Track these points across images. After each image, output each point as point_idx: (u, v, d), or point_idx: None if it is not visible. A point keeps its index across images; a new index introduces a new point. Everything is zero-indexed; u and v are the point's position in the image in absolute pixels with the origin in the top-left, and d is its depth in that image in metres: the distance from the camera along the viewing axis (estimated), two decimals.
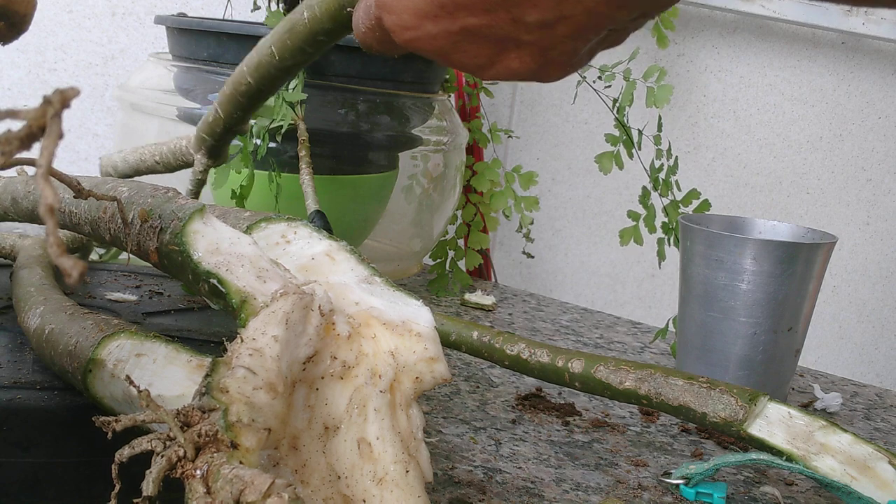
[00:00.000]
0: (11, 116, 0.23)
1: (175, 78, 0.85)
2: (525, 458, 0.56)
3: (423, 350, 0.36)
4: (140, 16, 1.14)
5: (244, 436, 0.29)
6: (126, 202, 0.41)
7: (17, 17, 0.41)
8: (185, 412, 0.29)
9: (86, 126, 1.15)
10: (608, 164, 0.87)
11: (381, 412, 0.35)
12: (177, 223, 0.38)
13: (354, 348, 0.36)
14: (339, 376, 0.35)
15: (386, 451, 0.34)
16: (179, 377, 0.37)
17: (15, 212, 0.54)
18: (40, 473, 0.42)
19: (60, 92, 0.23)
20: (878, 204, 1.39)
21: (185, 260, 0.37)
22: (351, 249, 0.40)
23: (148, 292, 0.62)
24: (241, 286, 0.35)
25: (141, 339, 0.39)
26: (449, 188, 0.95)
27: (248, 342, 0.32)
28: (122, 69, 1.14)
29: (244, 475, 0.27)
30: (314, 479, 0.34)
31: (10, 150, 0.24)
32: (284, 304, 0.33)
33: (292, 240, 0.40)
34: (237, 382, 0.30)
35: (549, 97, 1.28)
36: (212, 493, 0.27)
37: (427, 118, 0.89)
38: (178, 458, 0.28)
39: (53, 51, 1.13)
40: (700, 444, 0.62)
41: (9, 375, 0.44)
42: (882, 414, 0.76)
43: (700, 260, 0.70)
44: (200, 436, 0.29)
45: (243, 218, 0.42)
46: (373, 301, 0.37)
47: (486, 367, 0.73)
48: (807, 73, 1.33)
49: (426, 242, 0.97)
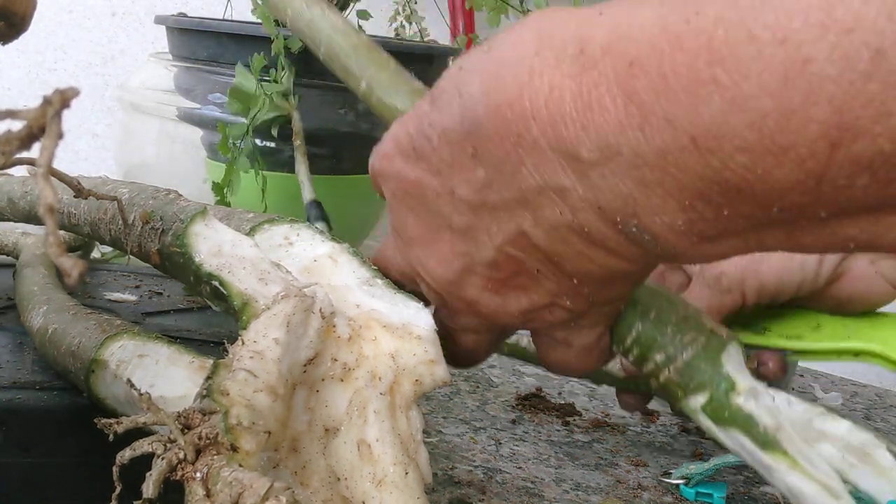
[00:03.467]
0: (11, 116, 0.23)
1: (175, 78, 0.85)
2: (525, 457, 0.56)
3: (424, 353, 0.36)
4: (140, 16, 1.14)
5: (244, 438, 0.29)
6: (127, 203, 0.41)
7: (16, 17, 0.41)
8: (185, 414, 0.29)
9: (86, 126, 1.15)
10: None
11: (380, 414, 0.35)
12: (178, 225, 0.38)
13: (355, 350, 0.36)
14: (339, 378, 0.35)
15: (385, 453, 0.34)
16: (181, 378, 0.37)
17: (11, 212, 0.54)
18: (40, 473, 0.42)
19: (60, 92, 0.23)
20: None
21: (186, 262, 0.37)
22: (353, 252, 0.40)
23: (148, 292, 0.62)
24: (242, 288, 0.35)
25: (143, 340, 0.39)
26: None
27: (250, 344, 0.32)
28: (122, 69, 1.14)
29: (243, 478, 0.27)
30: (314, 480, 0.34)
31: (9, 150, 0.24)
32: (285, 307, 0.33)
33: (295, 242, 0.40)
34: (238, 385, 0.30)
35: None
36: (211, 495, 0.27)
37: None
38: (178, 460, 0.28)
39: (53, 51, 1.13)
40: (700, 444, 0.62)
41: (9, 375, 0.44)
42: (882, 414, 0.76)
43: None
44: (201, 438, 0.29)
45: (246, 220, 0.42)
46: (374, 303, 0.37)
47: (486, 368, 0.73)
48: None
49: None
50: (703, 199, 0.26)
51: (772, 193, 0.25)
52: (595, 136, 0.27)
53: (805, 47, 0.23)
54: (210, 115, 0.80)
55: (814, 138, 0.23)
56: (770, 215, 0.26)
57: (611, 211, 0.28)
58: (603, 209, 0.29)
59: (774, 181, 0.24)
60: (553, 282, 0.33)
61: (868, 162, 0.23)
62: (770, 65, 0.23)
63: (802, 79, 0.23)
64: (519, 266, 0.33)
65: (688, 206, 0.27)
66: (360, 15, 0.83)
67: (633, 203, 0.28)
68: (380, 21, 0.99)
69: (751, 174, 0.25)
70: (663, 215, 0.27)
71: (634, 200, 0.28)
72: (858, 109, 0.22)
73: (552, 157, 0.29)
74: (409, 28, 1.06)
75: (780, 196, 0.25)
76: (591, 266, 0.31)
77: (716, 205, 0.26)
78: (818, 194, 0.24)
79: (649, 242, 0.29)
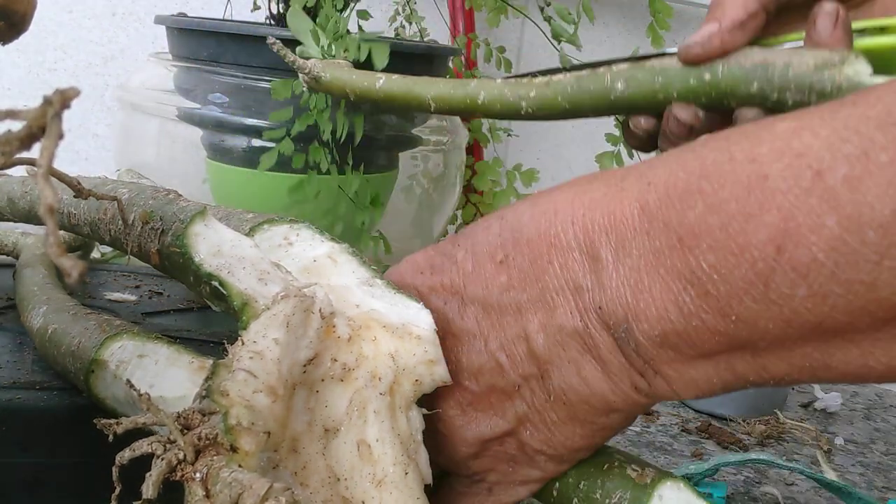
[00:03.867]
0: (11, 116, 0.23)
1: (175, 78, 0.85)
2: None
3: (423, 353, 0.36)
4: (140, 16, 1.14)
5: (244, 439, 0.29)
6: (126, 203, 0.41)
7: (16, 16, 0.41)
8: (185, 415, 0.29)
9: (86, 126, 1.15)
10: (608, 163, 0.87)
11: (380, 414, 0.35)
12: (178, 225, 0.38)
13: (355, 350, 0.36)
14: (339, 378, 0.35)
15: (385, 453, 0.34)
16: (181, 378, 0.37)
17: (11, 212, 0.54)
18: (39, 473, 0.42)
19: (60, 92, 0.23)
20: None
21: (186, 262, 0.37)
22: (353, 252, 0.40)
23: (147, 292, 0.62)
24: (242, 288, 0.35)
25: (143, 341, 0.39)
26: (449, 188, 0.95)
27: (249, 345, 0.32)
28: (122, 69, 1.14)
29: (243, 479, 0.27)
30: (314, 481, 0.34)
31: (10, 150, 0.24)
32: (285, 307, 0.33)
33: (294, 242, 0.40)
34: (237, 385, 0.30)
35: None
36: (211, 496, 0.27)
37: (427, 118, 0.89)
38: (177, 460, 0.28)
39: (53, 51, 1.13)
40: (700, 444, 0.62)
41: (8, 375, 0.44)
42: (882, 414, 0.76)
43: None
44: (200, 439, 0.29)
45: (246, 220, 0.42)
46: (374, 303, 0.37)
47: None
48: None
49: (426, 242, 0.97)
50: (677, 305, 0.31)
51: (731, 297, 0.29)
52: (615, 240, 0.32)
53: (766, 166, 0.29)
54: (210, 115, 0.80)
55: (764, 241, 0.28)
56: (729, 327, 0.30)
57: (609, 313, 0.33)
58: (603, 310, 0.33)
59: (733, 281, 0.29)
60: (526, 402, 0.36)
61: (805, 269, 0.28)
62: (740, 177, 0.29)
63: (760, 189, 0.28)
64: (500, 378, 0.36)
65: (664, 313, 0.31)
66: (361, 15, 0.83)
67: (626, 306, 0.32)
68: (380, 21, 0.99)
69: (716, 273, 0.29)
70: (645, 323, 0.32)
71: (627, 303, 0.32)
72: (800, 218, 0.27)
73: (578, 257, 0.33)
74: (409, 28, 1.06)
75: (737, 301, 0.29)
76: (575, 379, 0.34)
77: (686, 312, 0.30)
78: (767, 302, 0.29)
79: (632, 352, 0.33)
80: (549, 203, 0.35)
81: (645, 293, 0.31)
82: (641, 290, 0.32)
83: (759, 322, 0.29)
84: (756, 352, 0.31)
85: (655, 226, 0.31)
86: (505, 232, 0.36)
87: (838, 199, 0.27)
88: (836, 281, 0.27)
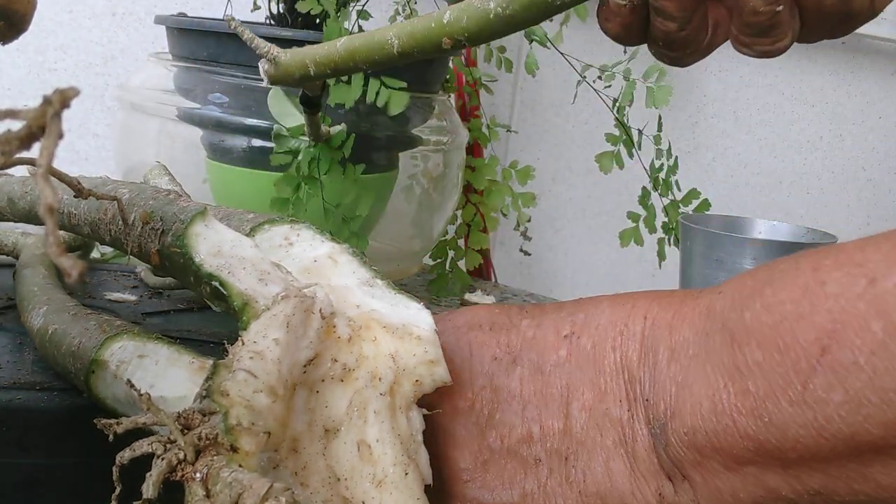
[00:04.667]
0: (11, 116, 0.23)
1: (175, 78, 0.85)
2: None
3: (423, 353, 0.36)
4: (140, 16, 1.14)
5: (244, 439, 0.29)
6: (127, 204, 0.41)
7: (16, 16, 0.41)
8: (185, 415, 0.29)
9: (86, 126, 1.15)
10: (608, 163, 0.87)
11: (380, 414, 0.35)
12: (178, 225, 0.38)
13: (355, 351, 0.36)
14: (339, 379, 0.35)
15: (385, 454, 0.34)
16: (181, 379, 0.37)
17: (11, 212, 0.54)
18: (39, 474, 0.42)
19: (60, 92, 0.23)
20: (879, 204, 1.39)
21: (186, 262, 0.37)
22: (353, 252, 0.40)
23: (148, 292, 0.62)
24: (242, 289, 0.35)
25: (143, 341, 0.39)
26: (449, 188, 0.95)
27: (249, 345, 0.32)
28: (122, 69, 1.14)
29: (243, 479, 0.27)
30: (314, 481, 0.34)
31: (10, 150, 0.24)
32: (285, 307, 0.33)
33: (295, 242, 0.40)
34: (238, 386, 0.30)
35: (550, 97, 1.28)
36: (211, 496, 0.27)
37: (427, 118, 0.89)
38: (178, 460, 0.28)
39: (53, 51, 1.13)
40: None
41: (8, 375, 0.44)
42: None
43: (700, 260, 0.70)
44: (200, 439, 0.29)
45: (246, 220, 0.42)
46: (374, 304, 0.37)
47: None
48: (807, 73, 1.32)
49: (426, 242, 0.97)
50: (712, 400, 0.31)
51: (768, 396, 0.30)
52: (676, 338, 0.33)
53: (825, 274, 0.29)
54: (210, 115, 0.80)
55: (811, 340, 0.29)
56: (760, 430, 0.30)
57: (652, 407, 0.33)
58: (649, 403, 0.34)
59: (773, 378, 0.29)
60: (539, 481, 0.36)
61: (845, 372, 0.28)
62: (798, 282, 0.30)
63: (815, 293, 0.29)
64: (524, 446, 0.36)
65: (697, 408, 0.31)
66: (361, 15, 0.83)
67: (667, 402, 0.33)
68: (380, 21, 0.99)
69: (759, 369, 0.30)
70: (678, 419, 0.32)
71: (669, 399, 0.33)
72: (848, 320, 0.28)
73: (638, 349, 0.35)
74: None
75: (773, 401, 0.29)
76: (601, 469, 0.34)
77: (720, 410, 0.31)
78: (802, 405, 0.29)
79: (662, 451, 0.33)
80: (630, 298, 0.36)
81: (686, 389, 0.32)
82: (684, 387, 0.32)
83: (791, 428, 0.29)
84: (786, 464, 0.30)
85: (715, 326, 0.32)
86: (578, 313, 0.37)
87: (886, 305, 0.27)
88: (873, 388, 0.27)
